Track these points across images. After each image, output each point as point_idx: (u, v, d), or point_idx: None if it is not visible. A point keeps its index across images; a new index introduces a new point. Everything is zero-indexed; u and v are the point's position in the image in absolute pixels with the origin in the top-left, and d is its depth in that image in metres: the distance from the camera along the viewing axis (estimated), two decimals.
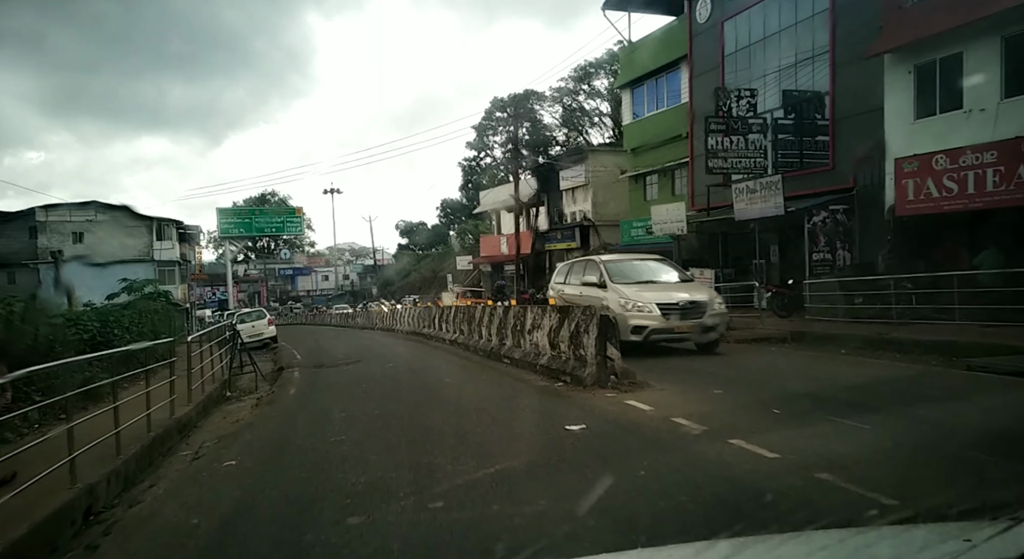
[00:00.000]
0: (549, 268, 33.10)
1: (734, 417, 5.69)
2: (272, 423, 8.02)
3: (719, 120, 17.22)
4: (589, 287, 11.00)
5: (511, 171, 57.30)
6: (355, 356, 15.44)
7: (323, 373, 12.87)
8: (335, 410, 8.07)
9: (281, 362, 16.45)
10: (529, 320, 10.03)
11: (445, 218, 68.40)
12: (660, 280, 10.92)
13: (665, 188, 23.05)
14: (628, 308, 9.85)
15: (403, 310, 23.07)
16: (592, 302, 10.02)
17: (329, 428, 6.84)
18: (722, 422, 5.41)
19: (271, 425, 7.90)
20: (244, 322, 23.85)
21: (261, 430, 7.60)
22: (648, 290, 10.29)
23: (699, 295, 10.29)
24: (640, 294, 10.06)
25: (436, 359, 13.22)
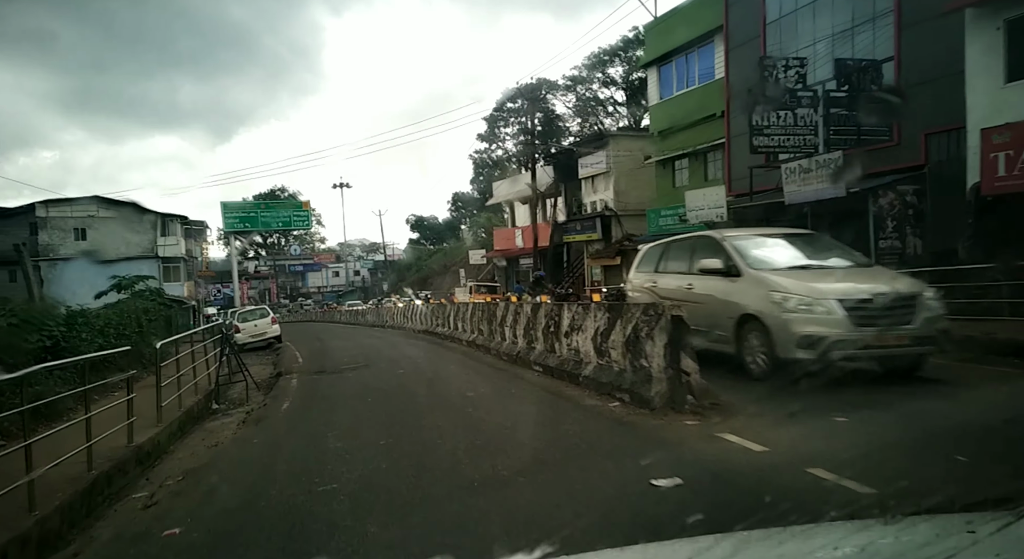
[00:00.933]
0: (568, 261, 31.30)
1: (915, 464, 3.89)
2: (249, 455, 6.31)
3: (765, 93, 15.30)
4: (708, 277, 7.46)
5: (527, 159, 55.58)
6: (361, 359, 13.76)
7: (324, 381, 11.18)
8: (330, 436, 6.35)
9: (281, 366, 14.81)
10: (566, 320, 8.25)
11: (456, 212, 66.74)
12: (827, 264, 7.19)
13: (697, 173, 21.15)
14: (790, 308, 6.24)
15: (418, 306, 21.36)
16: (711, 300, 7.27)
17: (319, 468, 5.11)
18: (896, 473, 3.61)
19: (247, 458, 6.20)
20: (246, 321, 22.32)
21: (232, 468, 5.89)
22: (817, 279, 6.61)
23: (902, 286, 6.51)
24: (809, 285, 6.40)
25: (453, 364, 11.48)
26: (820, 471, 3.72)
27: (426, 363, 12.12)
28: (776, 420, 5.11)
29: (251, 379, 11.49)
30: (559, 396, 7.07)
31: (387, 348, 16.25)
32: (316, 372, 12.61)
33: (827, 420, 4.95)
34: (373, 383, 10.09)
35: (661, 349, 5.77)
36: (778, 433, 4.73)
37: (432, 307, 19.86)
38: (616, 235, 26.86)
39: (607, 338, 6.97)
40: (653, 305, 6.09)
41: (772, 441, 4.44)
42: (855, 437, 4.60)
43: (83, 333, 9.89)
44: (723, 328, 7.00)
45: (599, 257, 26.52)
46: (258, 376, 14.01)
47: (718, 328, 7.06)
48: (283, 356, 17.31)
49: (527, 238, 33.40)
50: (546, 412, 6.26)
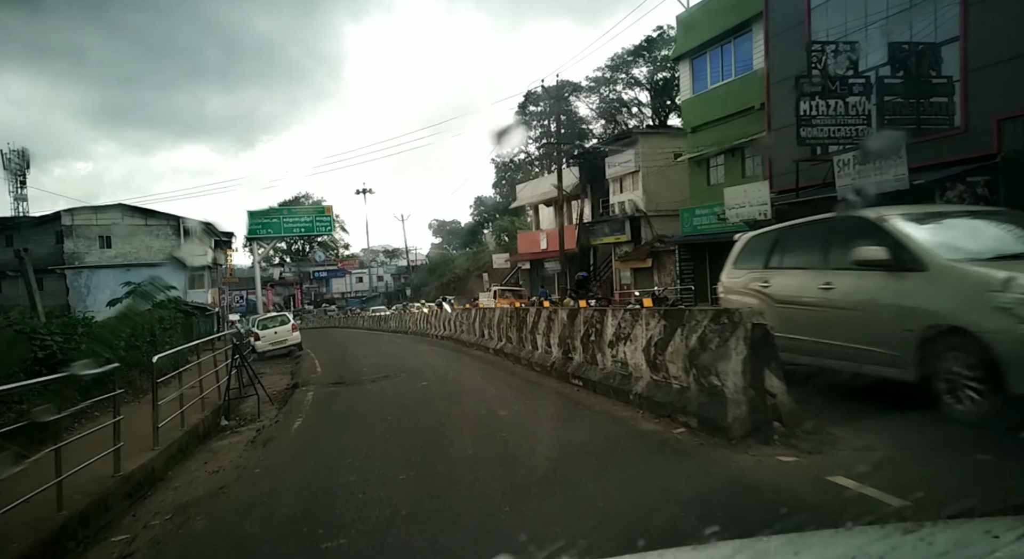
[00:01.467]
0: (594, 264, 30.21)
1: None
2: (250, 490, 5.39)
3: (813, 80, 14.11)
4: (860, 273, 5.37)
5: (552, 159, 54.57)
6: (382, 369, 12.86)
7: (341, 395, 10.28)
8: (343, 467, 5.41)
9: (298, 376, 13.98)
10: (611, 328, 7.21)
11: (479, 216, 66.03)
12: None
13: (733, 170, 19.96)
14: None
15: (447, 312, 20.44)
16: (869, 306, 5.27)
17: (326, 513, 4.16)
18: None
19: (247, 494, 5.27)
20: (267, 328, 21.66)
21: (227, 507, 4.97)
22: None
23: None
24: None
25: (480, 375, 10.50)
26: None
27: (451, 374, 11.15)
28: (898, 457, 4.01)
29: (264, 392, 10.65)
30: (609, 418, 6.03)
31: (410, 356, 15.35)
32: (334, 383, 11.73)
33: (968, 459, 3.85)
34: (393, 397, 9.15)
35: (739, 364, 4.72)
36: (909, 476, 3.65)
37: (456, 312, 18.95)
38: (646, 237, 25.73)
39: (663, 350, 5.93)
40: (727, 311, 5.03)
41: (908, 489, 3.36)
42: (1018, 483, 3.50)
43: (83, 344, 9.11)
44: (891, 345, 4.97)
45: (628, 260, 25.40)
46: (274, 387, 13.22)
47: (882, 345, 5.06)
48: (302, 365, 16.51)
49: (552, 241, 32.38)
50: (598, 441, 5.23)
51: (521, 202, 37.89)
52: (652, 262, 23.31)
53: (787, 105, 16.69)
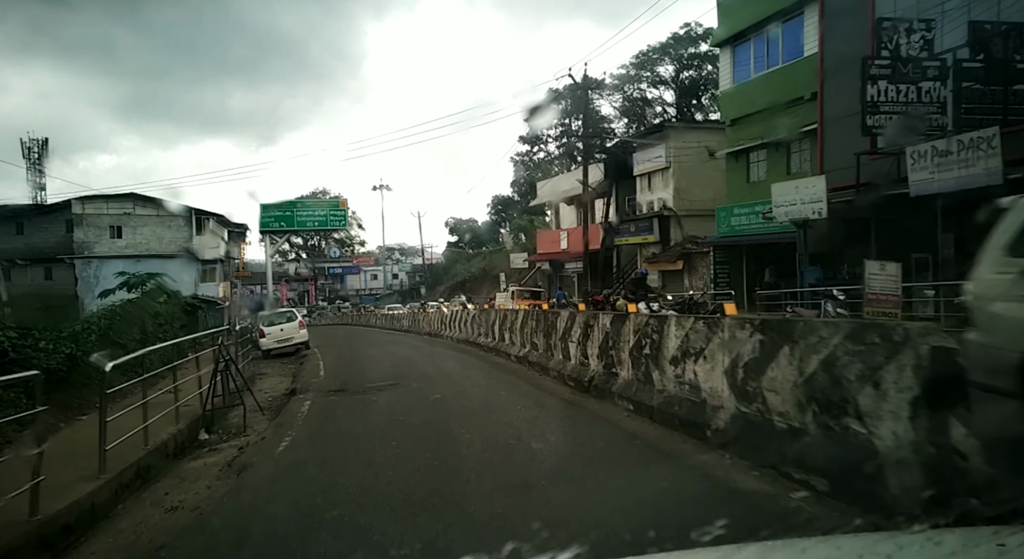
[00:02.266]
0: (618, 265, 28.58)
1: None
2: (201, 547, 3.93)
3: (882, 62, 12.46)
4: None
5: (574, 159, 53.00)
6: (391, 375, 11.42)
7: (341, 406, 8.82)
8: (326, 520, 3.94)
9: (298, 380, 12.56)
10: (673, 340, 5.66)
11: (496, 215, 64.64)
12: None
13: (777, 166, 18.27)
14: None
15: (469, 312, 18.95)
16: None
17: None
18: None
19: (197, 553, 3.82)
20: (272, 324, 20.31)
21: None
22: None
23: None
24: None
25: (503, 388, 8.98)
26: None
27: (468, 384, 9.64)
28: None
29: (255, 400, 9.23)
30: (684, 464, 4.48)
31: (422, 360, 13.88)
32: (336, 391, 10.29)
33: None
34: (401, 413, 7.67)
35: (905, 406, 3.15)
36: None
37: (473, 314, 17.47)
38: (675, 237, 24.08)
39: (758, 373, 4.38)
40: (879, 327, 3.47)
41: None
42: None
43: (41, 341, 7.74)
44: None
45: (656, 261, 23.76)
46: (272, 391, 11.82)
47: None
48: (305, 366, 15.12)
49: (573, 241, 30.81)
50: (681, 503, 3.68)
51: (541, 200, 36.35)
52: (683, 264, 21.69)
53: (843, 94, 15.03)
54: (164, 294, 15.86)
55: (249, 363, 15.36)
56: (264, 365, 17.11)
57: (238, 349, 13.73)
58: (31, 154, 46.52)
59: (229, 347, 8.50)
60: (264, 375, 14.64)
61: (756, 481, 3.92)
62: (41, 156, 46.85)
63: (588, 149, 23.63)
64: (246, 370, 13.91)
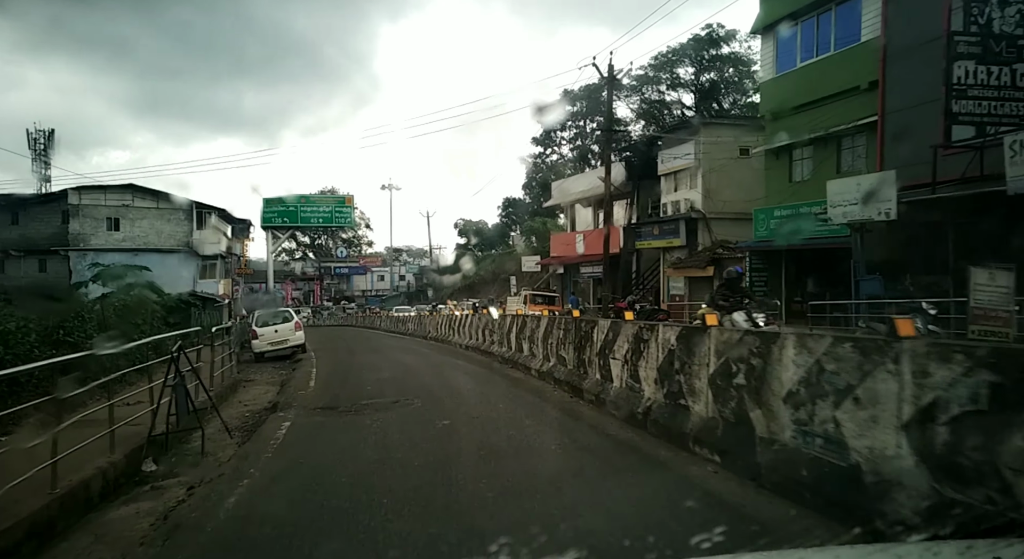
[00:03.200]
0: (637, 270, 26.80)
1: None
2: None
3: (972, 38, 10.65)
4: None
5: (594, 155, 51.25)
6: (392, 389, 9.69)
7: (326, 432, 7.07)
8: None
9: (285, 390, 10.83)
10: (792, 368, 3.88)
11: (507, 217, 63.01)
12: None
13: (826, 163, 16.43)
14: None
15: (477, 317, 17.17)
16: None
17: None
18: None
19: None
20: (266, 325, 18.61)
21: None
22: None
23: None
24: None
25: (529, 416, 7.18)
26: None
27: (484, 408, 7.86)
28: None
29: (222, 420, 7.51)
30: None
31: (428, 371, 12.13)
32: (324, 408, 8.55)
33: None
34: (399, 447, 5.91)
35: None
36: None
37: (486, 320, 15.70)
38: (703, 241, 22.26)
39: (992, 439, 2.59)
40: None
41: None
42: None
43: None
44: None
45: (682, 267, 21.93)
46: (252, 404, 10.07)
47: None
48: (296, 373, 13.39)
49: (591, 244, 29.04)
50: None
51: (556, 201, 34.58)
52: (713, 270, 19.87)
53: (910, 81, 13.23)
54: (148, 290, 14.16)
55: (235, 367, 13.70)
56: (254, 370, 15.42)
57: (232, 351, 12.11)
58: (36, 145, 45.26)
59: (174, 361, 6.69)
60: (251, 382, 12.94)
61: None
62: (47, 147, 45.58)
63: (610, 144, 21.86)
64: (230, 376, 12.25)
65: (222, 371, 11.03)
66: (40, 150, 44.11)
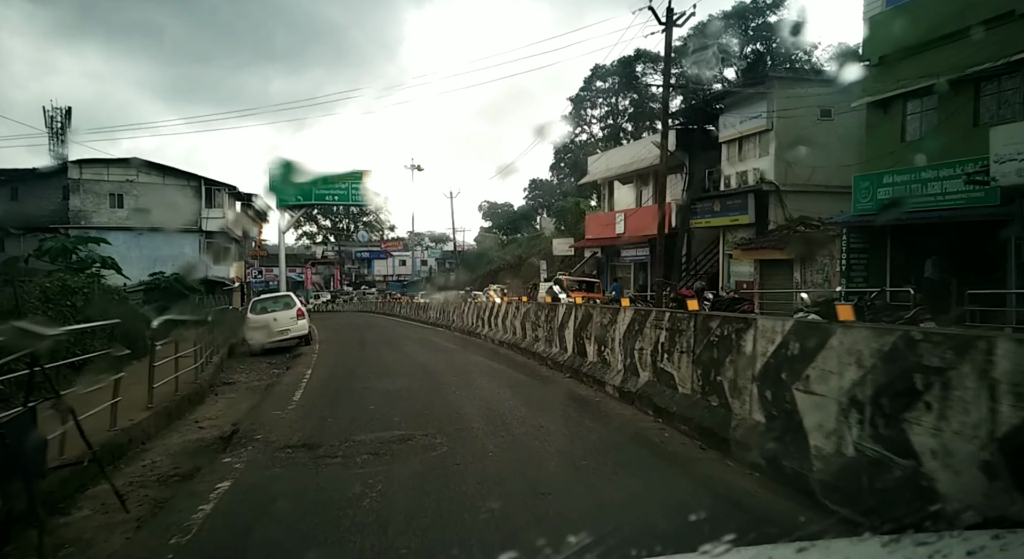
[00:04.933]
0: (687, 252, 23.33)
1: None
2: None
3: None
4: None
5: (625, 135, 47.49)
6: (402, 412, 6.52)
7: (283, 511, 3.89)
8: None
9: (258, 411, 7.68)
10: None
11: (533, 200, 59.60)
12: None
13: (958, 118, 12.76)
14: None
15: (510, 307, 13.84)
16: None
17: None
18: None
19: None
20: (264, 312, 15.59)
21: None
22: None
23: None
24: None
25: (658, 506, 3.95)
26: None
27: (560, 469, 4.60)
28: None
29: (113, 488, 4.40)
30: None
31: (455, 380, 8.91)
32: (298, 446, 5.41)
33: None
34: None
35: None
36: None
37: (525, 309, 12.46)
38: (775, 218, 18.70)
39: None
40: None
41: None
42: None
43: None
44: None
45: (752, 248, 18.41)
46: (204, 430, 6.97)
47: None
48: (286, 376, 10.31)
49: (632, 224, 25.59)
50: None
51: (593, 177, 31.06)
52: (797, 252, 16.38)
53: None
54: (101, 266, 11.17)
55: (217, 364, 10.70)
56: (243, 366, 12.43)
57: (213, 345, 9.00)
58: (53, 124, 42.87)
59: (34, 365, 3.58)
60: (228, 386, 9.91)
61: None
62: (64, 126, 43.17)
63: (668, 100, 18.31)
64: (196, 379, 9.23)
65: (178, 375, 7.96)
66: (57, 129, 41.82)
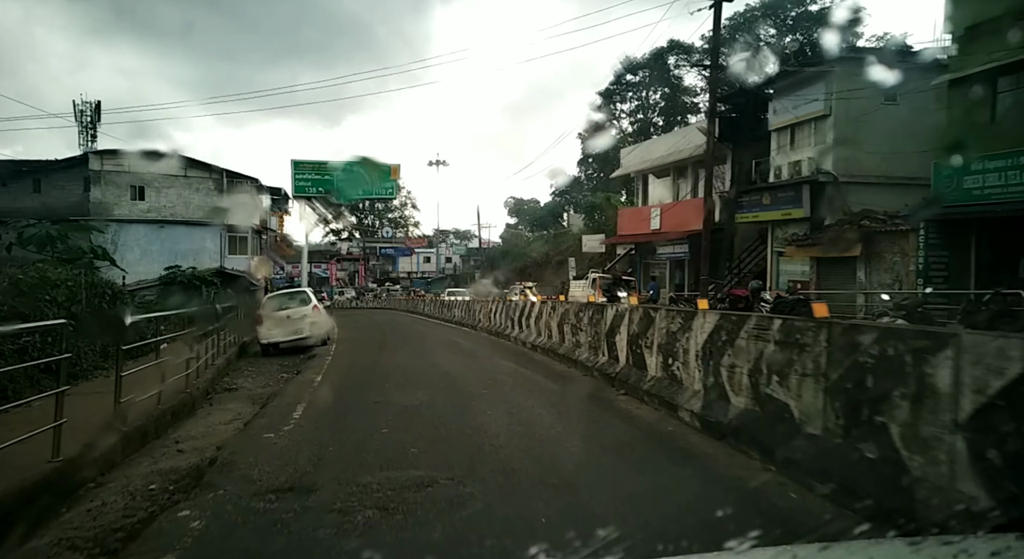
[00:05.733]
0: (730, 250, 21.63)
1: None
2: None
3: None
4: None
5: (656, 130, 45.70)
6: (422, 441, 5.12)
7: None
8: None
9: (245, 434, 6.32)
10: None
11: (560, 196, 57.97)
12: None
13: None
14: None
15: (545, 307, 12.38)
16: None
17: None
18: None
19: None
20: (278, 310, 14.38)
21: None
22: None
23: None
24: None
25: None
26: None
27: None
28: None
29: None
30: None
31: (487, 395, 7.47)
32: (281, 491, 4.06)
33: None
34: None
35: None
36: None
37: (562, 311, 10.98)
38: (831, 212, 16.92)
39: None
40: None
41: None
42: None
43: None
44: None
45: (808, 245, 16.67)
46: (181, 455, 5.63)
47: None
48: (290, 386, 9.00)
49: (669, 220, 23.96)
50: None
51: (626, 170, 29.42)
52: (862, 250, 14.63)
53: None
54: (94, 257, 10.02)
55: (223, 365, 9.48)
56: (252, 369, 11.23)
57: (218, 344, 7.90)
58: (83, 117, 42.58)
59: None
60: (230, 392, 8.67)
61: None
62: (93, 119, 42.86)
63: (715, 85, 16.65)
64: (204, 381, 8.01)
65: (165, 383, 6.69)
66: (87, 122, 41.62)
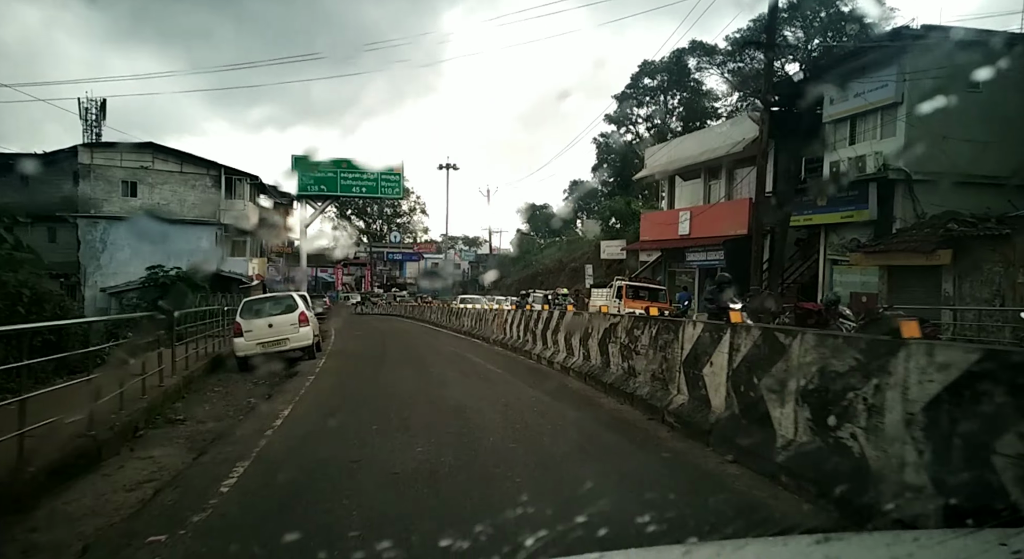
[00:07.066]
0: (770, 256, 19.26)
1: None
2: None
3: None
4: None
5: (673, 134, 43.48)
6: (420, 532, 2.81)
7: None
8: None
9: (147, 515, 4.03)
10: None
11: (574, 202, 55.72)
12: None
13: None
14: None
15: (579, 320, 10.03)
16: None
17: None
18: None
19: None
20: (259, 316, 12.15)
21: None
22: None
23: None
24: None
25: None
26: None
27: None
28: None
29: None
30: None
31: (518, 452, 5.10)
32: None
33: None
34: None
35: None
36: None
37: (604, 327, 8.63)
38: (902, 215, 14.54)
39: None
40: None
41: None
42: None
43: None
44: None
45: (878, 252, 14.26)
46: (45, 545, 3.44)
47: None
48: (247, 422, 6.71)
49: (700, 223, 21.63)
50: None
51: (650, 171, 27.12)
52: (952, 257, 12.25)
53: None
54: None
55: (168, 390, 7.23)
56: (215, 389, 9.01)
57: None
58: (88, 116, 40.84)
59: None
60: (171, 426, 6.42)
61: None
62: (99, 118, 41.10)
63: (771, 64, 14.40)
64: (132, 412, 5.72)
65: (52, 421, 4.42)
66: (92, 121, 39.92)
